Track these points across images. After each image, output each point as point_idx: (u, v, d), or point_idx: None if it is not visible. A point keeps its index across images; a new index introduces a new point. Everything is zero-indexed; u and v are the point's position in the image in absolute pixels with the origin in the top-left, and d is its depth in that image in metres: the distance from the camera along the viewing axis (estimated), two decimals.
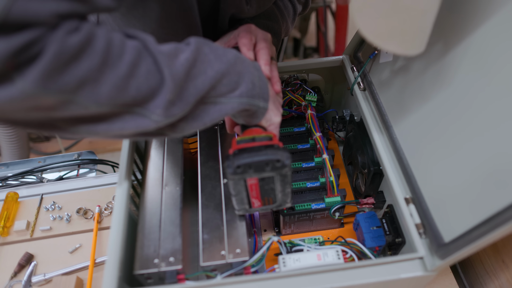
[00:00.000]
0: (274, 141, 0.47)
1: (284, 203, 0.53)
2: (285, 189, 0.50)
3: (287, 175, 0.47)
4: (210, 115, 0.43)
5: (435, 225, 0.48)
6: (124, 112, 0.37)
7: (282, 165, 0.45)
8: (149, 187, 0.58)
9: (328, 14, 1.91)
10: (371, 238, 0.56)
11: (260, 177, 0.47)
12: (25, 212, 0.74)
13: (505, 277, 0.55)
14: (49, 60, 0.29)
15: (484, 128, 0.43)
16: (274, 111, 0.51)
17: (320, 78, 0.76)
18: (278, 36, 0.67)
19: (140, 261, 0.49)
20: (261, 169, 0.45)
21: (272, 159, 0.45)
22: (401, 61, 0.59)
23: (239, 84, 0.43)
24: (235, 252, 0.51)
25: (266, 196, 0.51)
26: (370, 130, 0.61)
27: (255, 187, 0.48)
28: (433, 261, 0.46)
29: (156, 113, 0.37)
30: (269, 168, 0.45)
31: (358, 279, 0.46)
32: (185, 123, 0.42)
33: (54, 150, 1.81)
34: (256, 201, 0.51)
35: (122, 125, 0.37)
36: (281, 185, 0.49)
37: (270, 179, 0.48)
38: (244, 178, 0.47)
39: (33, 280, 0.64)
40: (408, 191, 0.53)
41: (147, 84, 0.36)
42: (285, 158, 0.45)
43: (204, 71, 0.40)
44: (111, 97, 0.34)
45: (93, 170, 0.86)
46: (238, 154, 0.46)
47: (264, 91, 0.47)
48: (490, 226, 0.38)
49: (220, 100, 0.43)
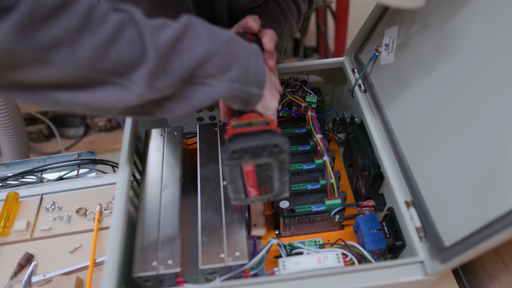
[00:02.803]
0: (271, 126, 0.46)
1: (282, 193, 0.51)
2: (283, 177, 0.48)
3: (285, 161, 0.45)
4: (198, 96, 0.42)
5: (435, 228, 0.47)
6: (105, 82, 0.36)
7: (280, 150, 0.44)
8: (148, 188, 0.58)
9: (328, 14, 1.91)
10: (371, 241, 0.55)
11: (257, 164, 0.45)
12: (25, 212, 0.74)
13: (505, 278, 0.55)
14: (23, 14, 0.29)
15: (485, 134, 0.43)
16: (271, 97, 0.49)
17: (320, 80, 0.76)
18: (281, 37, 0.67)
19: (139, 264, 0.49)
20: (257, 155, 0.44)
21: (269, 144, 0.43)
22: (402, 63, 0.59)
23: (231, 67, 0.42)
24: (234, 255, 0.50)
25: (263, 185, 0.49)
26: (371, 132, 0.61)
27: (252, 175, 0.46)
28: (434, 265, 0.46)
29: (138, 85, 0.37)
30: (266, 153, 0.44)
31: (358, 282, 0.46)
32: (172, 103, 0.41)
33: (54, 150, 1.81)
34: (252, 190, 0.49)
35: (104, 97, 0.37)
36: (278, 173, 0.47)
37: (267, 165, 0.46)
38: (240, 164, 0.45)
39: (33, 280, 0.64)
40: (409, 194, 0.53)
41: (130, 53, 0.35)
42: (282, 143, 0.43)
43: (193, 47, 0.39)
44: (90, 61, 0.34)
45: (93, 170, 0.86)
46: (233, 139, 0.44)
47: (260, 78, 0.46)
48: (491, 231, 0.38)
49: (210, 82, 0.41)
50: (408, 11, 0.56)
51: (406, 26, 0.58)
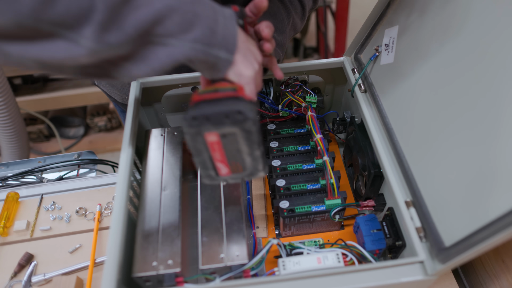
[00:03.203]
0: (239, 92, 0.42)
1: (256, 172, 0.47)
2: (253, 152, 0.44)
3: (252, 132, 0.41)
4: (158, 58, 0.40)
5: (435, 229, 0.47)
6: (53, 34, 0.35)
7: (244, 118, 0.40)
8: (148, 188, 0.58)
9: (328, 14, 1.91)
10: (372, 241, 0.55)
11: (221, 133, 0.42)
12: (25, 212, 0.74)
13: (505, 278, 0.55)
14: None
15: (486, 132, 0.43)
16: (245, 64, 0.45)
17: (320, 80, 0.76)
18: (284, 34, 0.66)
19: (139, 264, 0.49)
20: (219, 122, 0.40)
21: (232, 110, 0.40)
22: (403, 63, 0.59)
23: (194, 26, 0.40)
24: (234, 255, 0.50)
25: (233, 161, 0.45)
26: (371, 132, 0.61)
27: (218, 147, 0.43)
28: (434, 265, 0.46)
29: (86, 37, 0.36)
30: (229, 121, 0.40)
31: (358, 282, 0.46)
32: (131, 64, 0.40)
33: (54, 150, 1.81)
34: (222, 167, 0.45)
35: (53, 51, 0.36)
36: (247, 146, 0.43)
37: (233, 137, 0.42)
38: (201, 132, 0.41)
39: (33, 280, 0.64)
40: (409, 194, 0.53)
41: (77, 3, 0.34)
42: (247, 110, 0.40)
43: (150, 2, 0.38)
44: (34, 9, 0.33)
45: (93, 170, 0.86)
46: (196, 106, 0.41)
47: (229, 41, 0.43)
48: (491, 231, 0.38)
49: (170, 42, 0.40)
50: (408, 11, 0.56)
51: (406, 26, 0.58)
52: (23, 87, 1.62)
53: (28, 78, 1.61)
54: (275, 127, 0.73)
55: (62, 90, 1.60)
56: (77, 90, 1.59)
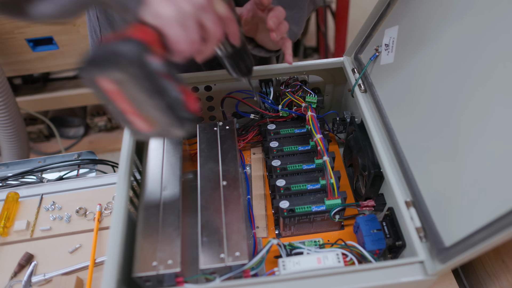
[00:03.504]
0: (129, 32, 0.38)
1: (170, 127, 0.41)
2: (153, 101, 0.39)
3: (140, 77, 0.37)
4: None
5: (435, 229, 0.47)
6: None
7: (128, 62, 0.35)
8: (148, 188, 0.58)
9: (328, 14, 1.91)
10: (372, 241, 0.55)
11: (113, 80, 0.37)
12: (25, 212, 0.74)
13: (505, 278, 0.55)
14: None
15: (486, 132, 0.43)
16: (162, 2, 0.40)
17: (320, 80, 0.76)
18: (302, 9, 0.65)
19: (139, 264, 0.49)
20: (102, 67, 0.37)
21: (113, 52, 0.35)
22: (403, 63, 0.59)
23: None
24: (234, 255, 0.50)
25: (145, 114, 0.40)
26: (371, 132, 0.61)
27: (120, 97, 0.39)
28: (434, 265, 0.46)
29: None
30: (110, 64, 0.36)
31: (358, 283, 0.46)
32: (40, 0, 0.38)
33: (54, 150, 1.81)
34: (137, 121, 0.41)
35: None
36: (146, 95, 0.38)
37: (130, 85, 0.38)
38: (90, 78, 0.38)
39: (33, 280, 0.64)
40: (409, 194, 0.53)
41: None
42: (128, 51, 0.35)
43: None
44: None
45: (93, 170, 0.86)
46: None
47: None
48: (491, 231, 0.38)
49: None
50: (408, 11, 0.56)
51: (406, 26, 0.58)
52: (23, 87, 1.62)
53: (28, 78, 1.61)
54: (275, 127, 0.73)
55: (62, 90, 1.60)
56: (77, 90, 1.59)
